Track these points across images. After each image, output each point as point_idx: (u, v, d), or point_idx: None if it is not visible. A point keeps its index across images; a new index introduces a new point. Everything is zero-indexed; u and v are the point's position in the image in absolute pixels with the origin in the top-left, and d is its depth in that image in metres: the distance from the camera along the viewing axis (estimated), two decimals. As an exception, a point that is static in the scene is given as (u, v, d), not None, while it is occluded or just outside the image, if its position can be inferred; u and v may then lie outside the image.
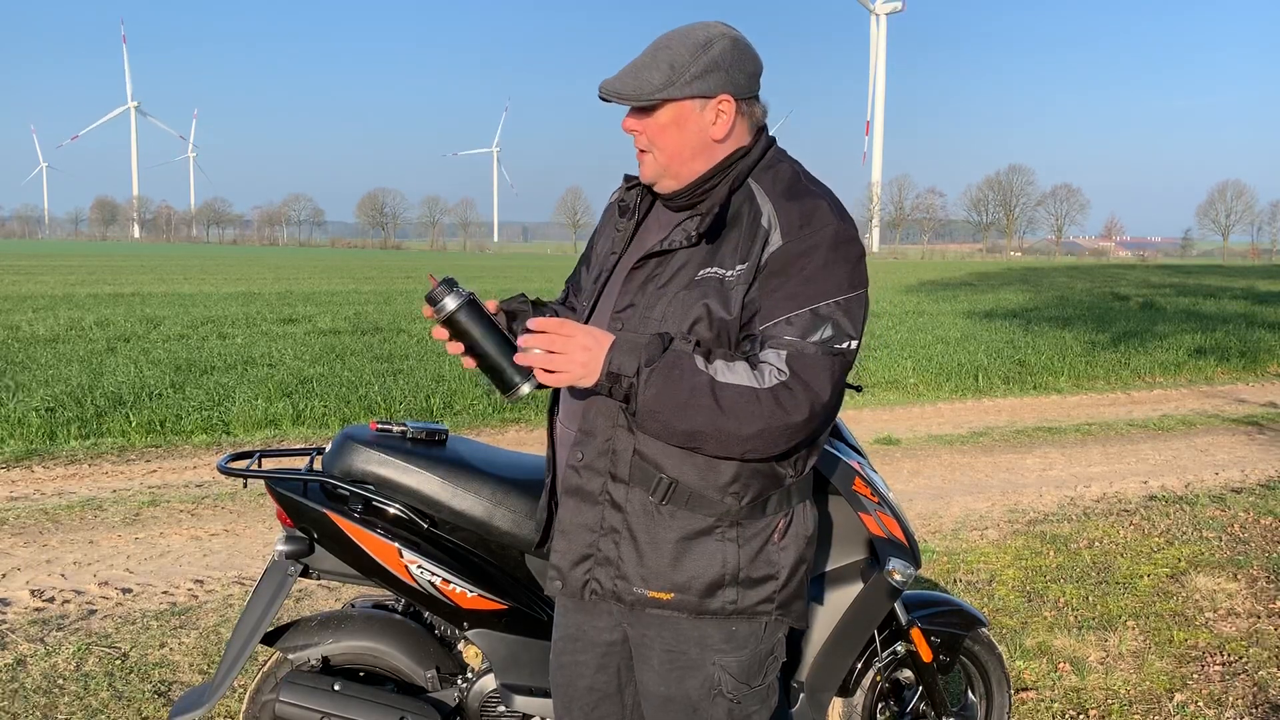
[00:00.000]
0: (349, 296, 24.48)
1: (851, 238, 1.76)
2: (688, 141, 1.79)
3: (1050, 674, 3.82)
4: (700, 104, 1.77)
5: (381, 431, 2.43)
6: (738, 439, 1.66)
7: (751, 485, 1.79)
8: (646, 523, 1.80)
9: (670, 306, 1.76)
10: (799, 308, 1.68)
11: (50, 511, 5.75)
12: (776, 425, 1.66)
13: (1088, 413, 9.86)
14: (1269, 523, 5.89)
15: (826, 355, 1.68)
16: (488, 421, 8.69)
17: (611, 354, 1.68)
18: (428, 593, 2.33)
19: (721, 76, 1.76)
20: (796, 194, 1.77)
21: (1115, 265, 69.36)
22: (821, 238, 1.71)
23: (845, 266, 1.72)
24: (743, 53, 1.79)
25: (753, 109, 1.83)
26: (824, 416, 1.71)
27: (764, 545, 1.82)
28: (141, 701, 3.42)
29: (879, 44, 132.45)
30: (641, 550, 1.81)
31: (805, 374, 1.67)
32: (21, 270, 37.12)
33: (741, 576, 1.81)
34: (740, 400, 1.65)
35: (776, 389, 1.65)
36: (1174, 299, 25.76)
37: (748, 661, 1.87)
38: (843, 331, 1.70)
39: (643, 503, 1.80)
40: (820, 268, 1.70)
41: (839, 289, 1.71)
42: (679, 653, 1.85)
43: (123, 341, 13.30)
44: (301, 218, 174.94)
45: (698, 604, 1.81)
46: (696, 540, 1.79)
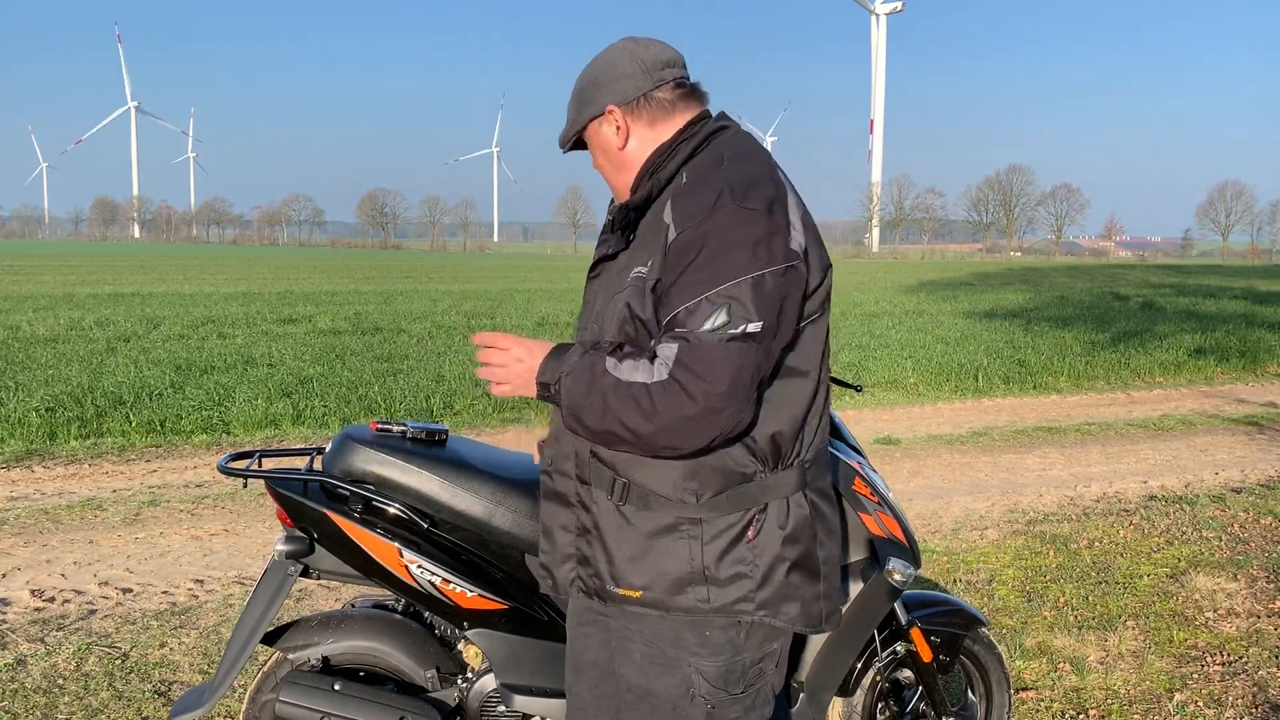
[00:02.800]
0: (349, 296, 24.48)
1: (748, 218, 1.68)
2: (607, 160, 1.91)
3: (1050, 674, 3.82)
4: (599, 123, 1.88)
5: (381, 431, 2.43)
6: (642, 436, 1.66)
7: (709, 482, 1.76)
8: (613, 523, 1.82)
9: (605, 307, 1.82)
10: (693, 297, 1.65)
11: (50, 511, 5.75)
12: (673, 417, 1.63)
13: (1088, 413, 9.86)
14: (1269, 523, 5.89)
15: (722, 343, 1.63)
16: (488, 421, 8.69)
17: (542, 363, 1.77)
18: (428, 593, 2.33)
19: (604, 91, 1.85)
20: (699, 179, 1.76)
21: (1115, 265, 69.36)
22: (713, 223, 1.68)
23: (742, 249, 1.66)
24: (617, 59, 1.85)
25: (650, 103, 1.85)
26: (732, 405, 1.64)
27: (733, 543, 1.78)
28: (141, 701, 3.43)
29: (879, 44, 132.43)
30: (610, 550, 1.83)
31: (694, 363, 1.63)
32: (21, 270, 37.12)
33: (709, 574, 1.78)
34: (636, 398, 1.65)
35: (665, 383, 1.64)
36: (1174, 299, 25.76)
37: (725, 668, 1.84)
38: (740, 316, 1.63)
39: (606, 504, 1.82)
40: (712, 254, 1.66)
41: (733, 272, 1.65)
42: (657, 649, 1.85)
43: (123, 341, 13.30)
44: (301, 218, 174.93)
45: (666, 601, 1.80)
46: (660, 538, 1.79)
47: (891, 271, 51.45)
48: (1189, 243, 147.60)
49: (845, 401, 10.06)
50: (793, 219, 1.73)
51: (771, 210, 1.71)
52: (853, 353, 13.15)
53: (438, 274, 41.83)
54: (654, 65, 1.85)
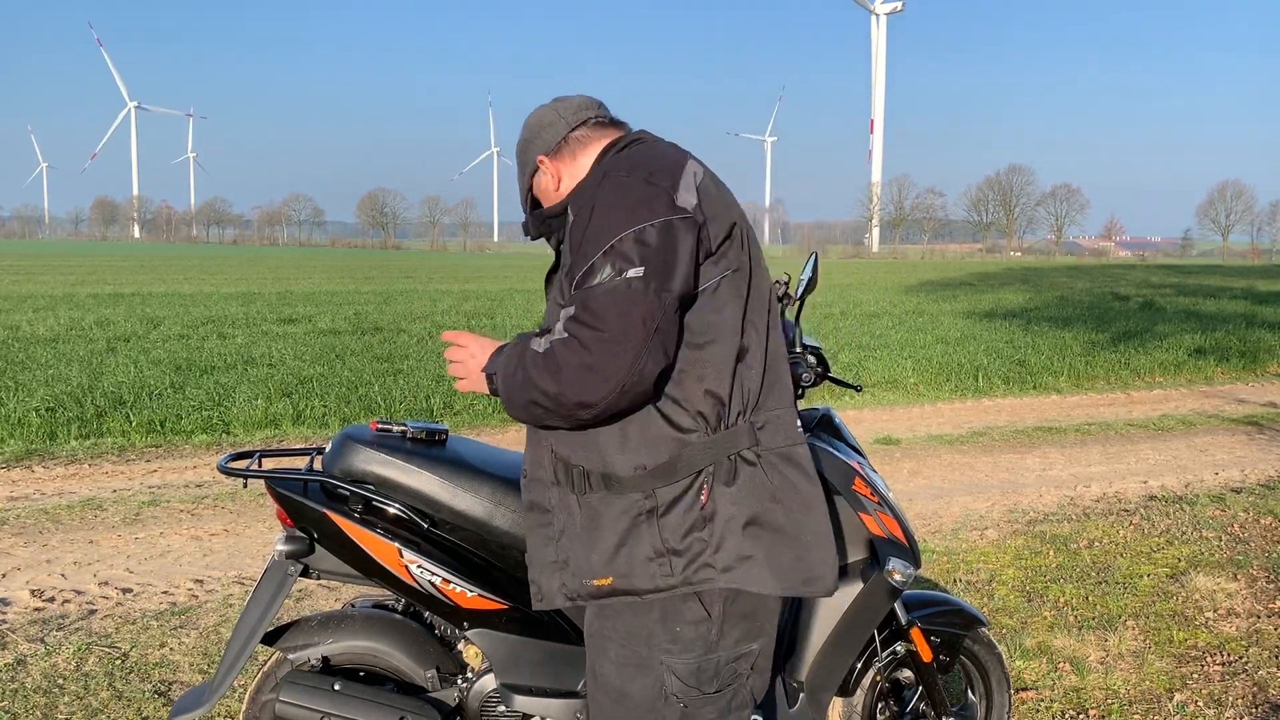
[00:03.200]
0: (349, 296, 24.48)
1: (626, 186, 1.79)
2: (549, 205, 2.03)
3: (1050, 674, 3.82)
4: (537, 178, 2.04)
5: (381, 431, 2.43)
6: (556, 396, 1.71)
7: (654, 450, 1.80)
8: (581, 517, 1.87)
9: (550, 309, 1.95)
10: (586, 262, 1.74)
11: (50, 511, 5.75)
12: (573, 369, 1.69)
13: (1088, 413, 9.86)
14: (1269, 523, 5.89)
15: (605, 291, 1.70)
16: (488, 421, 8.69)
17: (488, 359, 1.89)
18: (428, 593, 2.33)
19: (533, 147, 2.02)
20: (592, 176, 1.89)
21: (1115, 265, 69.37)
22: (597, 196, 1.80)
23: (618, 212, 1.76)
24: (540, 118, 2.02)
25: (570, 144, 1.98)
26: (625, 351, 1.69)
27: (687, 510, 1.80)
28: (141, 701, 3.43)
29: (879, 44, 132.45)
30: (582, 544, 1.87)
31: (585, 315, 1.70)
32: (21, 270, 37.13)
33: (670, 547, 1.81)
34: (545, 359, 1.73)
35: (565, 338, 1.72)
36: (1174, 299, 25.77)
37: (697, 665, 1.85)
38: (621, 265, 1.71)
39: (572, 499, 1.88)
40: (597, 220, 1.77)
41: (615, 230, 1.74)
42: (630, 650, 1.87)
43: (123, 341, 13.31)
44: (301, 218, 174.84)
45: (636, 584, 1.83)
46: (622, 520, 1.83)
47: (891, 271, 51.47)
48: (1189, 243, 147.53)
49: (845, 401, 10.06)
50: (680, 183, 1.80)
51: (651, 178, 1.80)
52: (853, 353, 13.15)
53: (438, 274, 41.84)
54: (571, 110, 1.99)
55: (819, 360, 2.57)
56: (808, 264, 2.58)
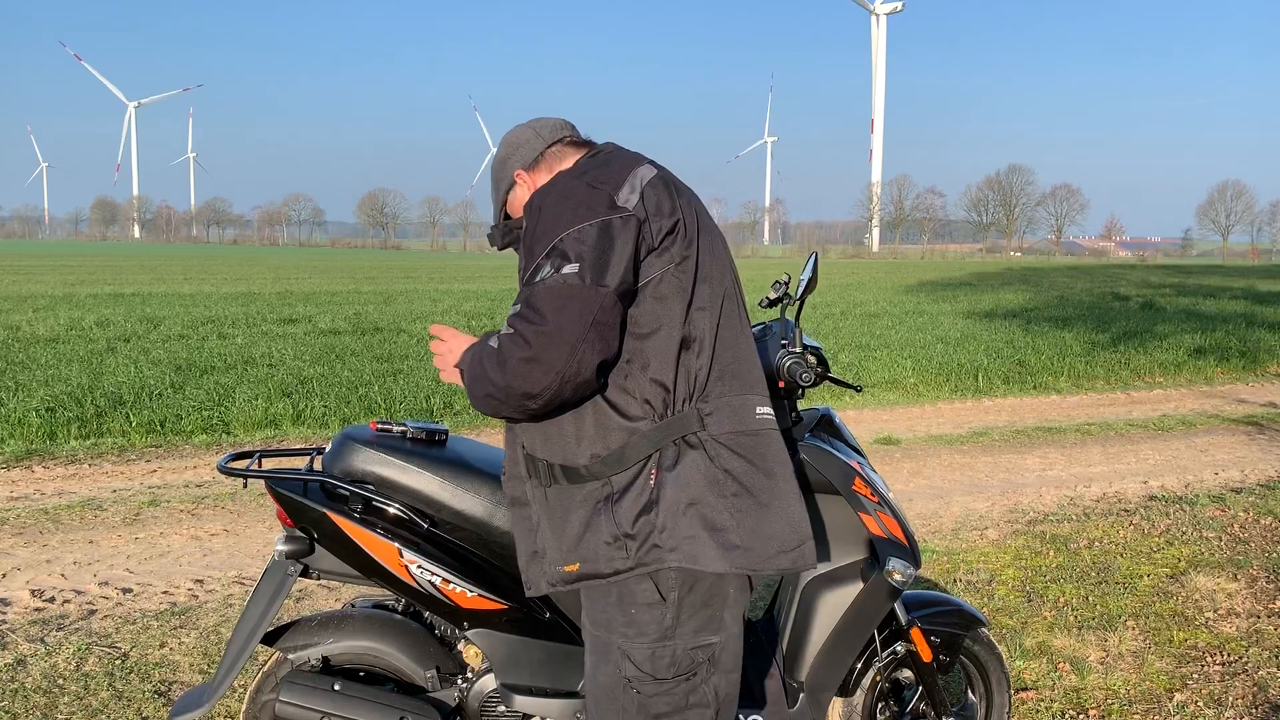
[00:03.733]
0: (349, 296, 24.49)
1: (572, 188, 1.88)
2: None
3: (1050, 674, 3.82)
4: (513, 193, 2.13)
5: (381, 431, 2.43)
6: (503, 387, 1.80)
7: (606, 439, 1.89)
8: (549, 508, 1.97)
9: None
10: (531, 262, 1.85)
11: (50, 511, 5.75)
12: (515, 361, 1.78)
13: (1088, 413, 9.86)
14: (1269, 523, 5.89)
15: (546, 287, 1.79)
16: (488, 421, 8.69)
17: (462, 354, 1.96)
18: (428, 593, 2.33)
19: (510, 164, 2.12)
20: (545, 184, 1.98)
21: (1115, 265, 69.38)
22: (542, 203, 1.90)
23: (563, 212, 1.85)
24: (516, 137, 2.12)
25: (546, 160, 2.09)
26: (563, 343, 1.76)
27: (639, 494, 1.88)
28: (141, 701, 3.43)
29: (879, 44, 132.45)
30: (551, 533, 1.97)
31: (526, 310, 1.79)
32: (21, 270, 37.13)
33: (624, 531, 1.88)
34: (493, 353, 1.83)
35: (509, 333, 1.81)
36: (1174, 299, 25.77)
37: (652, 652, 1.89)
38: (559, 263, 1.80)
39: (539, 491, 1.99)
40: (542, 222, 1.87)
41: (557, 230, 1.83)
42: (594, 635, 1.97)
43: (123, 341, 13.31)
44: (301, 218, 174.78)
45: (600, 568, 1.91)
46: (583, 508, 1.92)
47: (891, 271, 51.48)
48: (1189, 243, 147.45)
49: (845, 401, 10.06)
50: (624, 184, 1.87)
51: (594, 182, 1.89)
52: (853, 353, 13.15)
53: (438, 274, 41.84)
54: (547, 131, 2.10)
55: (819, 360, 2.57)
56: (808, 264, 2.58)
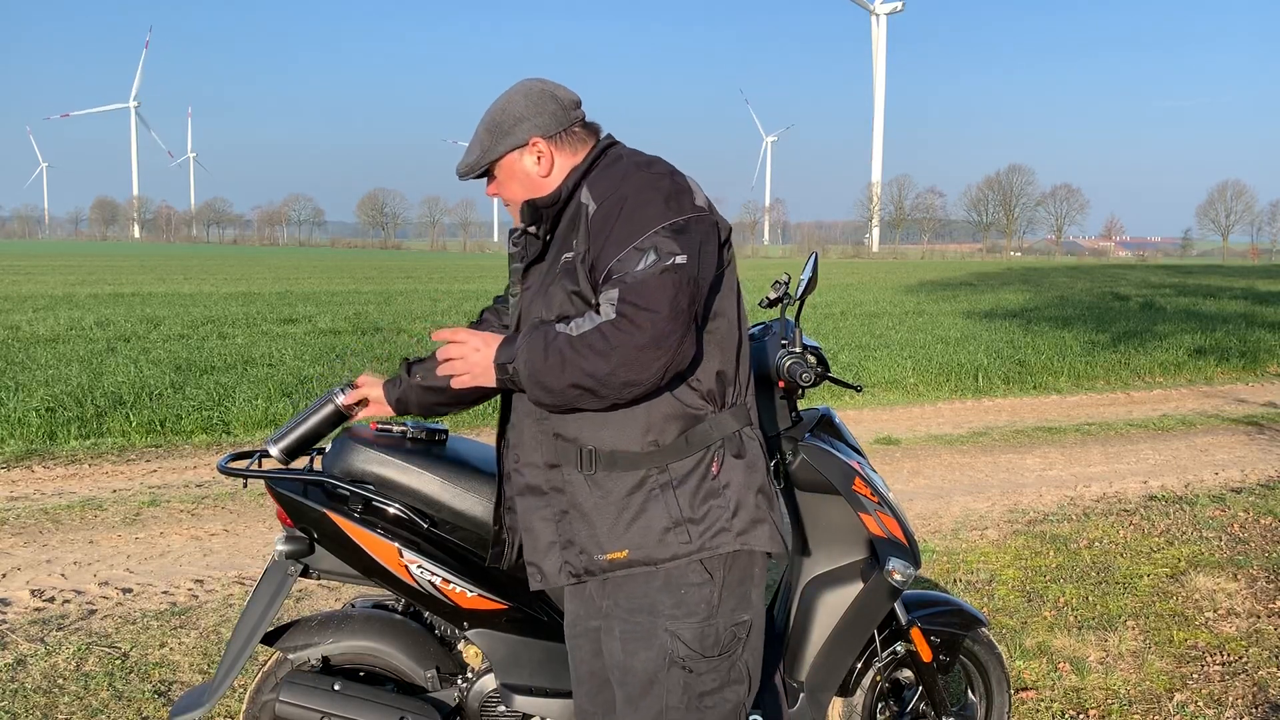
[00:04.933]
0: (349, 296, 24.49)
1: (656, 178, 1.90)
2: (523, 187, 2.06)
3: (1050, 674, 3.82)
4: (518, 154, 2.05)
5: (381, 431, 2.43)
6: (605, 376, 1.77)
7: (667, 428, 1.91)
8: (588, 494, 1.94)
9: (549, 299, 1.95)
10: (621, 249, 1.82)
11: (50, 511, 5.75)
12: (628, 349, 1.75)
13: (1088, 413, 9.86)
14: (1269, 523, 5.89)
15: (656, 275, 1.78)
16: (488, 421, 8.69)
17: (498, 348, 1.91)
18: (428, 593, 2.33)
19: (526, 125, 2.02)
20: (608, 168, 1.98)
21: (1115, 265, 69.38)
22: (626, 188, 1.89)
23: (654, 203, 1.86)
24: (538, 99, 2.04)
25: (570, 136, 2.04)
26: (675, 332, 1.77)
27: (701, 481, 1.92)
28: (141, 701, 3.43)
29: (879, 44, 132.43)
30: (591, 521, 1.94)
31: (636, 297, 1.77)
32: (21, 270, 37.13)
33: (687, 516, 1.91)
34: (592, 341, 1.78)
35: (615, 319, 1.77)
36: (1174, 299, 25.77)
37: (701, 629, 1.94)
38: (665, 252, 1.80)
39: (578, 478, 1.95)
40: (631, 210, 1.85)
41: (652, 222, 1.83)
42: (633, 622, 1.95)
43: (123, 341, 13.31)
44: (301, 218, 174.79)
45: (654, 554, 1.91)
46: (635, 495, 1.92)
47: (891, 271, 51.47)
48: (1189, 243, 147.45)
49: (845, 401, 10.06)
50: (692, 185, 1.95)
51: (673, 175, 1.95)
52: (853, 353, 13.15)
53: (438, 274, 41.84)
54: (569, 105, 2.05)
55: (819, 360, 2.57)
56: (808, 264, 2.58)
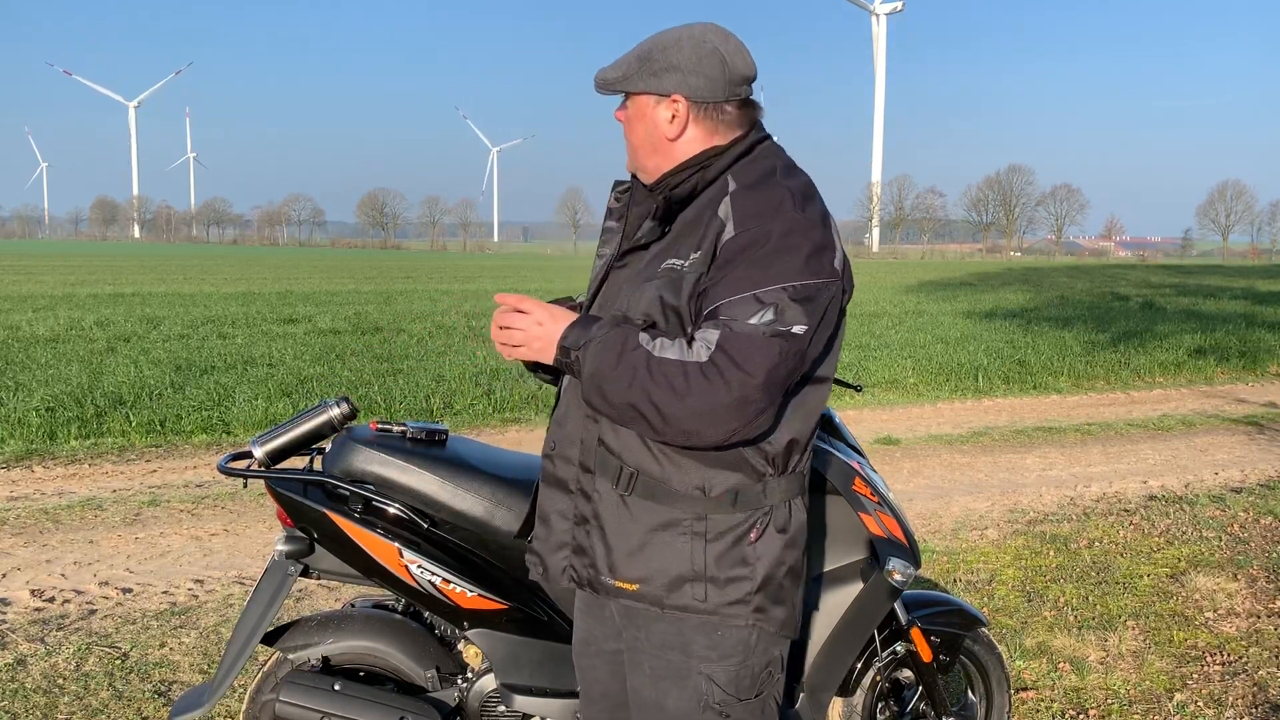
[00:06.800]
0: (349, 296, 24.48)
1: (808, 227, 1.70)
2: (647, 137, 1.83)
3: (1050, 674, 3.82)
4: (655, 101, 1.81)
5: (381, 431, 2.43)
6: (670, 415, 1.63)
7: (719, 480, 1.76)
8: (615, 513, 1.81)
9: (633, 298, 1.78)
10: (742, 292, 1.65)
11: (50, 511, 5.75)
12: (704, 400, 1.61)
13: (1088, 413, 9.86)
14: (1269, 523, 5.88)
15: (764, 337, 1.63)
16: (488, 421, 8.69)
17: (566, 329, 1.74)
18: (428, 593, 2.33)
19: (677, 77, 1.78)
20: (759, 186, 1.75)
21: (1115, 265, 69.35)
22: (774, 226, 1.68)
23: (796, 256, 1.67)
24: (705, 56, 1.78)
25: (718, 113, 1.81)
26: (762, 401, 1.63)
27: (735, 543, 1.77)
28: (141, 701, 3.43)
29: (879, 44, 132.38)
30: (609, 540, 1.82)
31: (735, 352, 1.61)
32: (21, 270, 37.11)
33: (709, 574, 1.77)
34: (670, 374, 1.63)
35: (704, 365, 1.62)
36: (1174, 299, 25.77)
37: (736, 672, 1.82)
38: (786, 317, 1.64)
39: (610, 494, 1.81)
40: (768, 255, 1.67)
41: (785, 276, 1.65)
42: (664, 659, 1.83)
43: (123, 341, 13.30)
44: (301, 218, 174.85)
45: (662, 596, 1.78)
46: (661, 533, 1.78)
47: (891, 271, 51.46)
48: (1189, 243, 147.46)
49: (845, 401, 10.06)
50: (836, 238, 1.77)
51: (825, 224, 1.74)
52: (853, 353, 13.15)
53: (438, 274, 41.83)
54: (736, 79, 1.80)
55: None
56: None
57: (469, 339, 14.33)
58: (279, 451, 2.35)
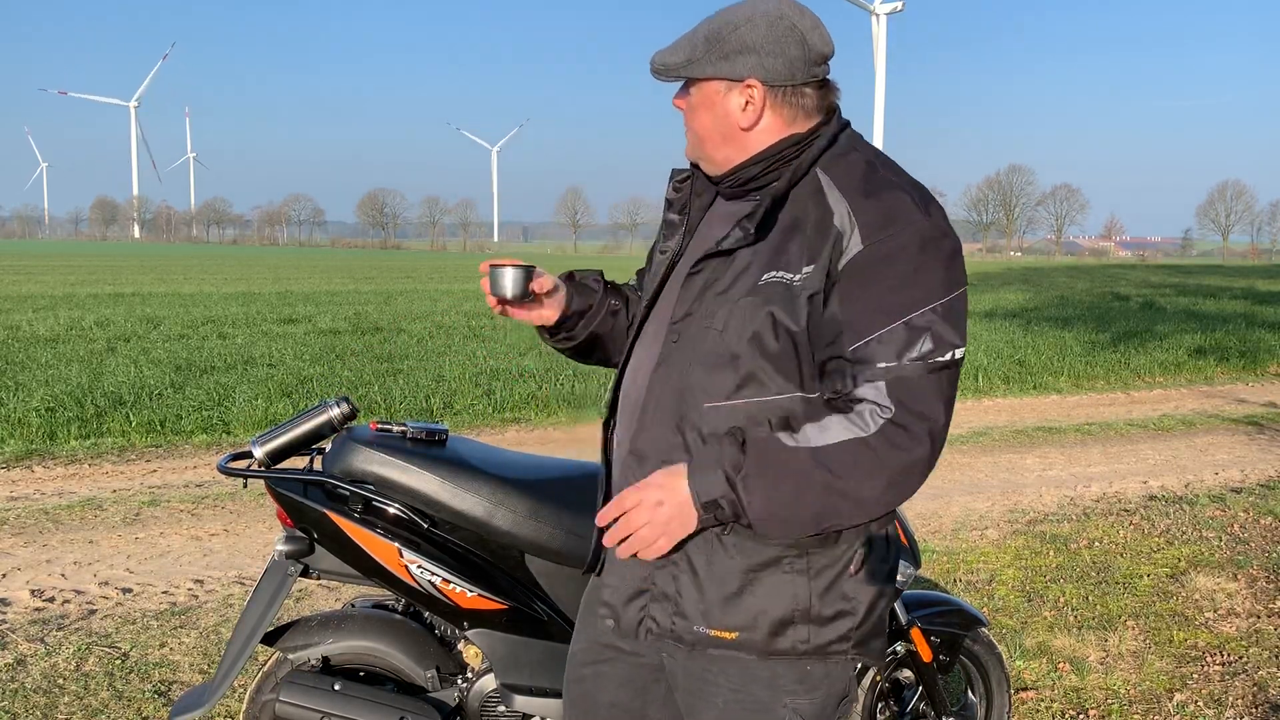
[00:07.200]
0: (349, 296, 24.49)
1: (942, 233, 1.54)
2: (715, 126, 1.64)
3: (1050, 674, 3.82)
4: (725, 87, 1.62)
5: (381, 431, 2.43)
6: (868, 500, 1.50)
7: None
8: (707, 553, 1.61)
9: (732, 315, 1.57)
10: (891, 322, 1.48)
11: (50, 511, 5.75)
12: (900, 467, 1.49)
13: (1088, 413, 9.86)
14: (1269, 523, 5.89)
15: (931, 373, 1.49)
16: (488, 421, 8.69)
17: (692, 487, 1.53)
18: (428, 593, 2.33)
19: (751, 60, 1.59)
20: (875, 188, 1.57)
21: (1115, 265, 69.36)
22: (908, 238, 1.51)
23: (938, 268, 1.51)
24: (782, 35, 1.58)
25: (798, 97, 1.61)
26: (944, 439, 1.53)
27: (837, 578, 1.62)
28: (141, 701, 3.43)
29: (879, 44, 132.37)
30: (702, 584, 1.62)
31: (913, 402, 1.48)
32: (21, 270, 37.12)
33: (813, 613, 1.61)
34: (851, 457, 1.48)
35: (885, 429, 1.48)
36: (1174, 299, 25.77)
37: (821, 703, 1.68)
38: (944, 341, 1.49)
39: (706, 533, 1.60)
40: (910, 273, 1.49)
41: (933, 294, 1.50)
42: (746, 694, 1.66)
43: (123, 341, 13.30)
44: (301, 218, 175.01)
45: (765, 644, 1.61)
46: (762, 573, 1.59)
47: (891, 271, 51.36)
48: (1189, 243, 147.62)
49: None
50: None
51: (948, 222, 1.58)
52: (853, 353, 13.13)
53: (438, 274, 41.83)
54: (814, 58, 1.60)
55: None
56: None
57: (469, 339, 14.33)
58: (279, 451, 2.35)
